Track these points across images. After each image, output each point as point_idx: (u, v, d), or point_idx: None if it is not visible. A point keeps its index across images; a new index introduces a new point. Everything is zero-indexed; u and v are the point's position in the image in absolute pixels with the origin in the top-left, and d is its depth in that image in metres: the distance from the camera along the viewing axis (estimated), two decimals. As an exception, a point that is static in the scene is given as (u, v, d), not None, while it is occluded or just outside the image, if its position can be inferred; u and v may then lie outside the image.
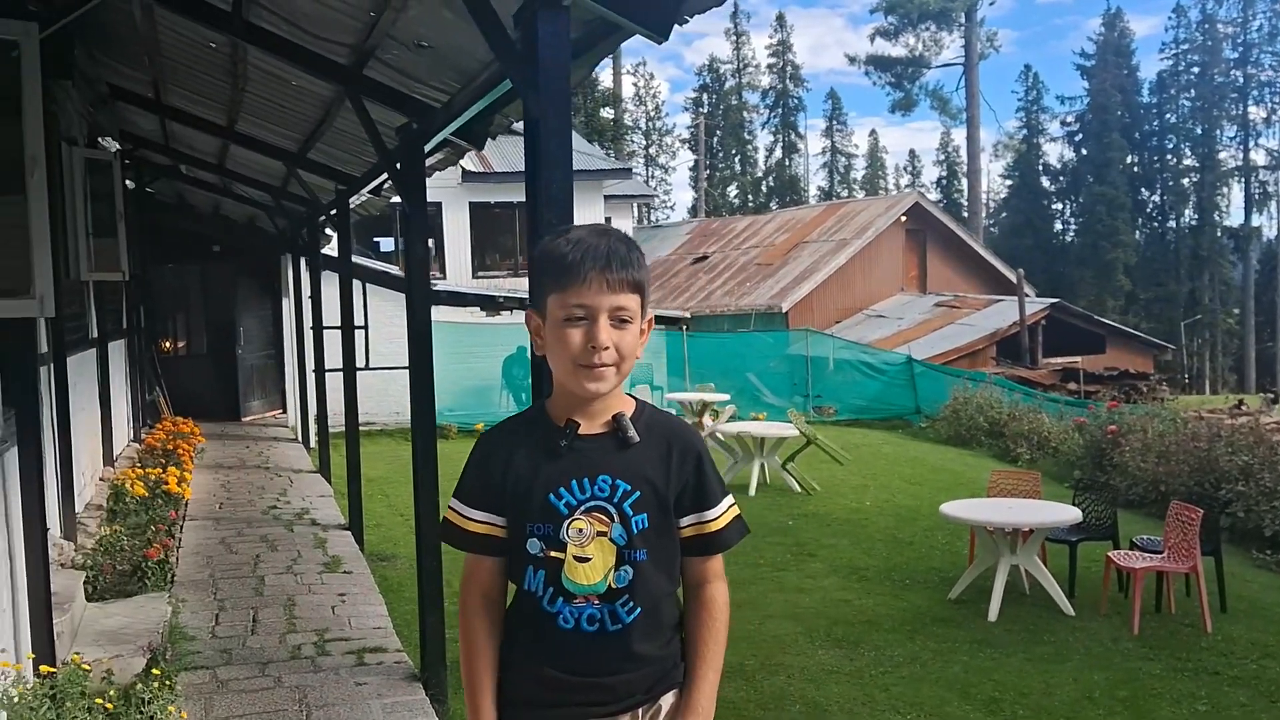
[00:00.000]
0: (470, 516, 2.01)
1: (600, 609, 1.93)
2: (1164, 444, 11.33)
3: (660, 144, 65.04)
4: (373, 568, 7.87)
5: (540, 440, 1.98)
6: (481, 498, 2.01)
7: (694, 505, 2.01)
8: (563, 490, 1.93)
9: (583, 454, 1.95)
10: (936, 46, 54.00)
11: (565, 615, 1.93)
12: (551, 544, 1.93)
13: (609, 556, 1.93)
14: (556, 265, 1.92)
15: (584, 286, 1.88)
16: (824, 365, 20.11)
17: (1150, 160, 60.40)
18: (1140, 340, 29.42)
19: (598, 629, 1.93)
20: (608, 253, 1.90)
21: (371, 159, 7.82)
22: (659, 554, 1.97)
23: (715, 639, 2.04)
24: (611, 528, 1.93)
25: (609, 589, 1.93)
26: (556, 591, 1.93)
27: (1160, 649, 6.65)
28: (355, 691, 5.34)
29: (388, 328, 16.27)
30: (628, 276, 1.90)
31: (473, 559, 2.04)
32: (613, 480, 1.93)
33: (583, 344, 1.89)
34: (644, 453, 1.96)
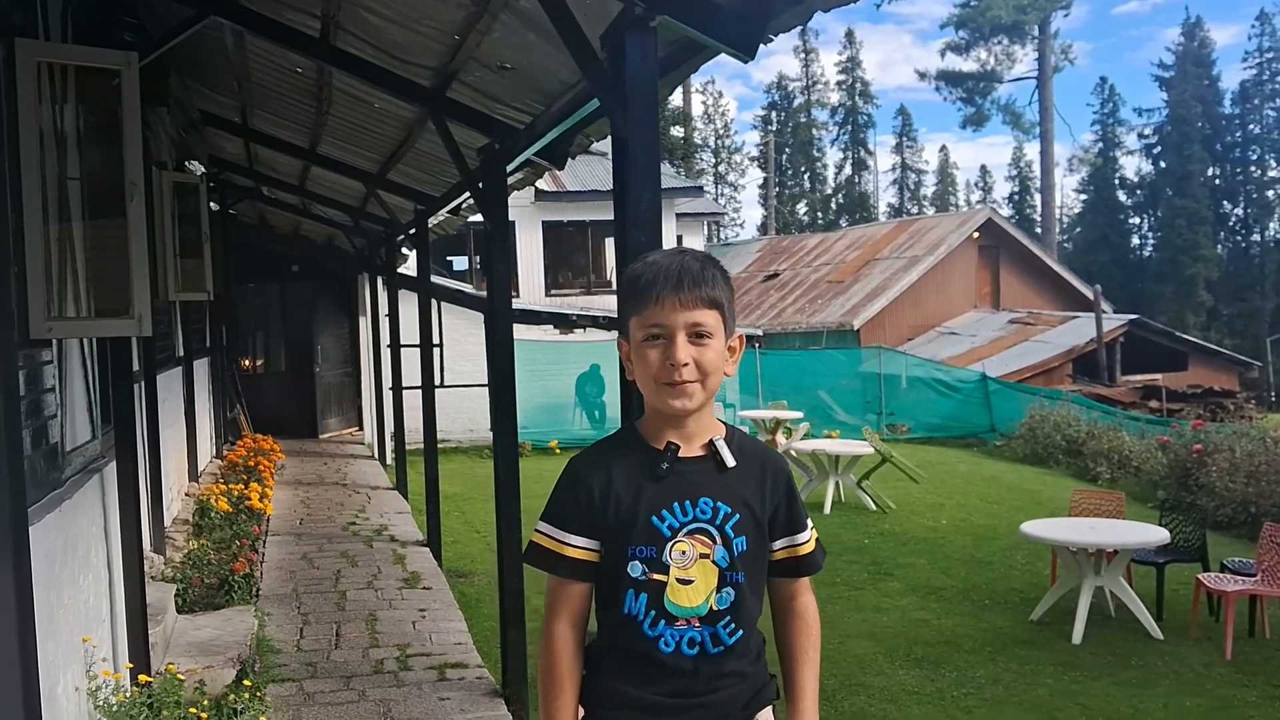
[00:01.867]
0: (567, 541, 1.98)
1: (701, 631, 1.93)
2: (1253, 464, 11.03)
3: (729, 162, 65.04)
4: (451, 584, 7.95)
5: (639, 463, 1.97)
6: (578, 522, 1.98)
7: (786, 529, 2.04)
8: (665, 513, 1.93)
9: (683, 476, 1.95)
10: (1009, 60, 53.33)
11: (666, 638, 1.93)
12: (654, 566, 1.92)
13: (711, 578, 1.93)
14: (633, 289, 1.95)
15: (658, 306, 1.91)
16: (896, 383, 19.91)
17: (1232, 172, 58.95)
18: (1224, 357, 28.66)
19: (698, 652, 1.93)
20: (680, 271, 1.92)
21: (450, 179, 7.95)
22: (754, 576, 1.99)
23: (813, 645, 2.07)
24: (714, 550, 1.93)
25: (710, 611, 1.93)
26: (659, 615, 1.93)
27: (1255, 675, 6.47)
28: (439, 706, 5.39)
29: (463, 345, 16.53)
30: (701, 294, 1.91)
31: (562, 583, 2.00)
32: (714, 503, 1.94)
33: (661, 362, 1.90)
34: (740, 476, 1.98)
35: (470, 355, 16.73)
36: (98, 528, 4.62)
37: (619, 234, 3.53)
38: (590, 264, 22.17)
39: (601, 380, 18.14)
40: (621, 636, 1.96)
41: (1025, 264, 30.08)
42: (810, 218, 63.66)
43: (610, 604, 1.98)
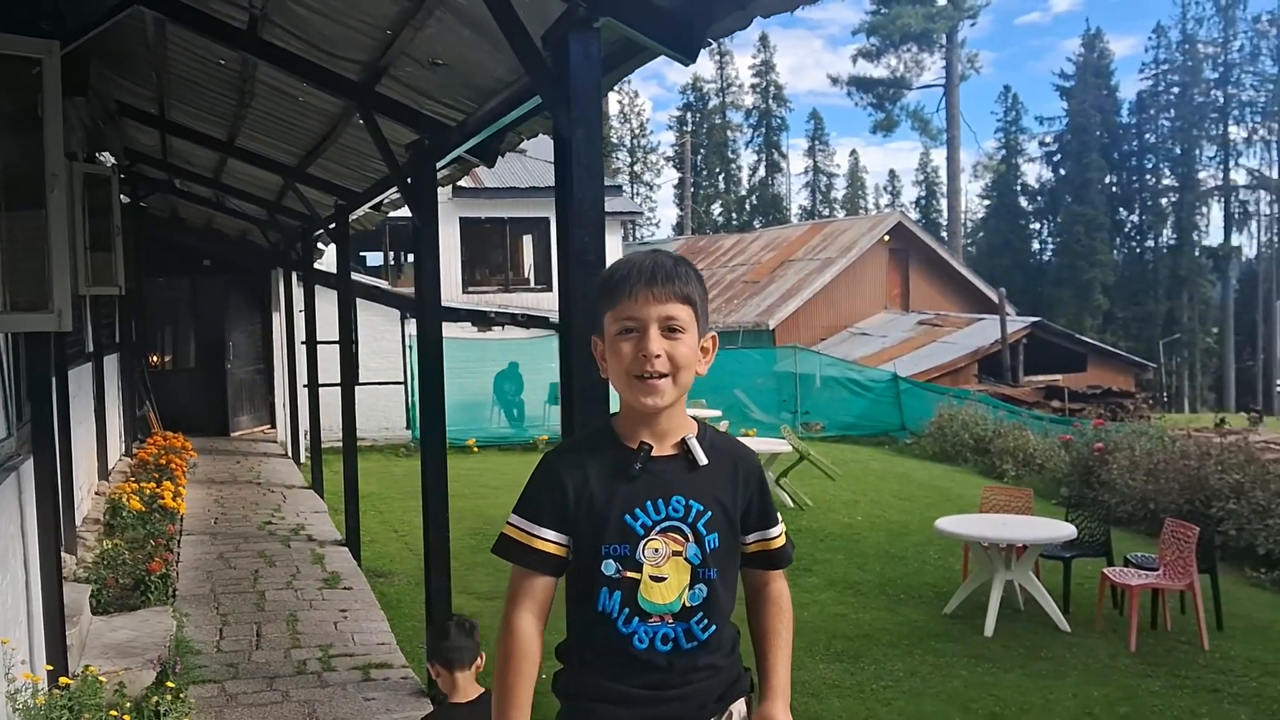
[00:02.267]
0: (539, 535, 1.99)
1: (674, 627, 1.96)
2: (1152, 462, 11.46)
3: (645, 161, 65.27)
4: (371, 584, 7.88)
5: (613, 462, 1.99)
6: (551, 516, 1.99)
7: (759, 524, 2.08)
8: (639, 511, 1.96)
9: (656, 475, 1.98)
10: (918, 67, 54.46)
11: (640, 635, 1.95)
12: (628, 564, 1.95)
13: (684, 575, 1.96)
14: (608, 285, 1.99)
15: (631, 300, 1.94)
16: (811, 382, 20.21)
17: (1129, 180, 61.01)
18: (1121, 359, 29.67)
19: (671, 648, 1.97)
20: (653, 266, 1.96)
21: (373, 174, 7.87)
22: (727, 572, 2.03)
23: (785, 627, 2.12)
24: (686, 547, 1.96)
25: (683, 607, 1.96)
26: (633, 612, 1.95)
27: (1158, 666, 6.72)
28: (364, 707, 5.35)
29: (378, 343, 16.35)
30: (674, 288, 1.95)
31: (527, 575, 2.00)
32: (686, 501, 1.97)
33: (634, 354, 1.93)
34: (712, 473, 2.01)
35: (386, 353, 16.56)
36: (15, 527, 4.49)
37: (561, 233, 3.55)
38: (508, 262, 22.07)
39: (520, 379, 18.08)
40: (596, 634, 1.98)
41: (933, 267, 30.80)
42: (725, 218, 64.22)
43: (584, 601, 1.99)
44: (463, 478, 13.25)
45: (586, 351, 3.47)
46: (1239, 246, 61.58)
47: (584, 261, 3.44)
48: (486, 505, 11.91)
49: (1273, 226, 61.77)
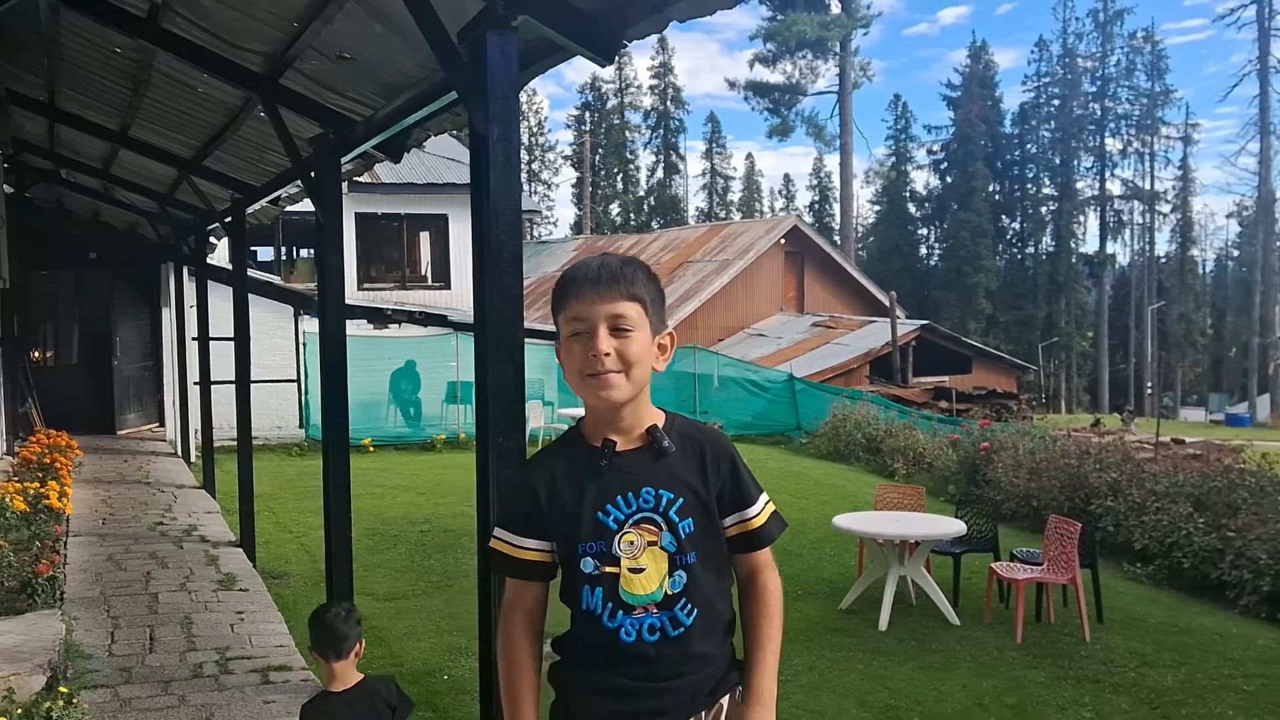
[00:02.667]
0: (521, 545, 2.06)
1: (660, 617, 2.00)
2: (1035, 461, 11.88)
3: (543, 160, 65.13)
4: (267, 585, 7.73)
5: (580, 461, 2.04)
6: (528, 525, 2.06)
7: (734, 505, 2.09)
8: (609, 506, 2.00)
9: (623, 470, 2.02)
10: (812, 74, 55.42)
11: (627, 628, 1.99)
12: (605, 560, 1.99)
13: (662, 564, 2.00)
14: (559, 288, 2.04)
15: (579, 301, 1.99)
16: (709, 382, 20.44)
17: (1011, 189, 63.10)
18: (1004, 361, 30.68)
19: (659, 637, 2.00)
20: (599, 267, 2.01)
21: (272, 168, 7.73)
22: (708, 555, 2.05)
23: (771, 624, 2.12)
24: (661, 536, 2.00)
25: (665, 596, 1.99)
26: (616, 606, 1.99)
27: (1043, 657, 6.98)
28: (264, 709, 5.25)
29: (270, 340, 16.00)
30: (620, 288, 1.99)
31: (520, 585, 2.09)
32: (656, 491, 2.01)
33: (584, 354, 1.98)
34: (681, 460, 2.04)
35: (279, 350, 16.22)
36: (-104, 528, 4.31)
37: (476, 230, 3.55)
38: (405, 259, 21.80)
39: (417, 377, 17.89)
40: (585, 630, 2.03)
41: (827, 270, 31.41)
42: (623, 218, 64.44)
43: (571, 600, 2.05)
44: (359, 478, 12.91)
45: (501, 350, 3.52)
46: (1113, 254, 64.28)
47: (499, 259, 3.45)
48: (383, 505, 11.78)
49: (1144, 235, 64.56)
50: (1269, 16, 52.99)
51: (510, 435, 3.44)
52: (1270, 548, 8.44)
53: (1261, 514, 8.96)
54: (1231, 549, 8.73)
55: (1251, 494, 9.50)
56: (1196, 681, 6.57)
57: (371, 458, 15.66)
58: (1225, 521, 9.07)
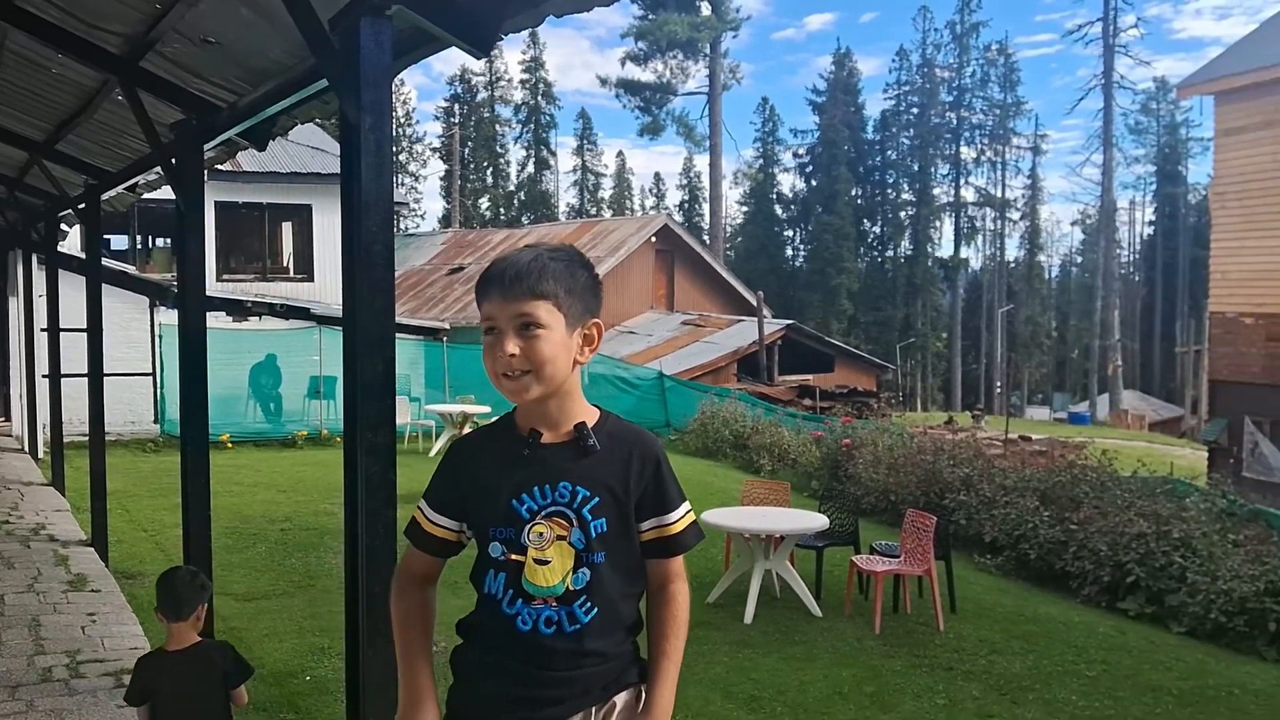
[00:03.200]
0: (433, 520, 2.09)
1: (558, 610, 2.00)
2: (893, 457, 12.28)
3: (411, 152, 64.11)
4: (121, 586, 7.45)
5: (506, 448, 2.04)
6: (445, 503, 2.09)
7: (654, 510, 2.08)
8: (525, 496, 2.00)
9: (545, 462, 2.02)
10: (683, 74, 55.93)
11: (524, 617, 2.00)
12: (513, 547, 2.00)
13: (568, 559, 2.00)
14: (478, 287, 2.03)
15: (489, 301, 1.99)
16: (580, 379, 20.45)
17: (873, 193, 64.97)
18: (865, 360, 31.55)
19: (554, 630, 2.00)
20: (511, 265, 1.99)
21: (130, 153, 7.43)
22: (618, 557, 2.04)
23: (677, 635, 2.14)
24: (571, 532, 2.00)
25: (567, 591, 1.99)
26: (516, 593, 2.00)
27: (900, 646, 7.24)
28: (116, 714, 5.07)
29: (125, 331, 15.38)
30: (524, 286, 1.96)
31: (413, 555, 2.13)
32: (573, 487, 2.01)
33: (494, 355, 1.98)
34: (605, 460, 2.04)
35: (133, 342, 15.58)
36: None
37: (346, 222, 3.48)
38: (267, 249, 21.20)
39: (278, 372, 17.42)
40: (485, 613, 2.04)
41: (697, 269, 31.79)
42: (493, 213, 63.95)
43: (477, 582, 2.06)
44: (217, 475, 12.43)
45: (370, 344, 3.46)
46: (967, 259, 66.86)
47: (370, 252, 3.39)
48: (241, 503, 11.45)
49: (995, 241, 67.30)
50: (1114, 34, 55.81)
51: (380, 431, 3.38)
52: (1110, 540, 8.91)
53: (1102, 508, 9.46)
54: (1074, 541, 9.19)
55: (1093, 489, 10.02)
56: (1042, 668, 6.90)
57: (230, 454, 15.20)
58: (1069, 515, 9.54)
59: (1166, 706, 6.32)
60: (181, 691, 3.55)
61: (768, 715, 5.98)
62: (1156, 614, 8.32)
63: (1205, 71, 18.93)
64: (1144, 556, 8.61)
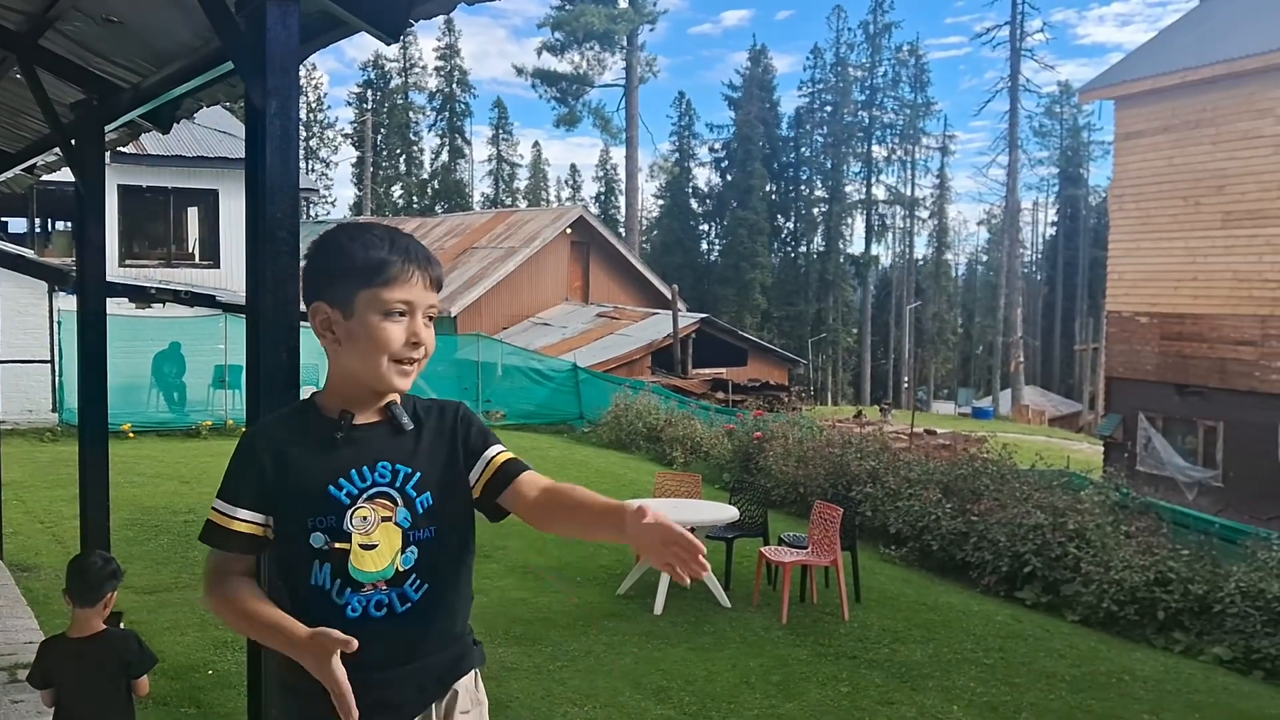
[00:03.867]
0: (236, 516, 1.94)
1: (388, 594, 1.92)
2: (803, 450, 12.45)
3: (322, 137, 63.01)
4: (15, 579, 7.24)
5: (314, 433, 1.95)
6: (249, 496, 1.94)
7: (479, 451, 2.01)
8: (343, 480, 1.91)
9: (361, 443, 1.95)
10: (600, 66, 55.90)
11: (353, 605, 1.90)
12: (336, 535, 1.90)
13: (395, 540, 1.92)
14: (373, 261, 1.92)
15: (409, 283, 1.92)
16: (493, 370, 20.37)
17: (787, 189, 65.70)
18: (777, 354, 31.94)
19: (385, 613, 1.92)
20: (426, 253, 1.96)
21: (29, 134, 7.20)
22: (446, 530, 1.98)
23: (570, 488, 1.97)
24: (396, 511, 1.92)
25: (396, 572, 1.92)
26: (345, 583, 1.90)
27: (806, 636, 7.36)
28: (11, 710, 4.94)
29: (21, 317, 14.90)
30: (438, 276, 1.98)
31: (225, 559, 1.96)
32: (393, 465, 1.94)
33: (405, 340, 1.92)
34: (419, 434, 1.99)
35: (30, 328, 15.11)
36: None
37: (251, 206, 3.42)
38: (171, 234, 20.67)
39: (181, 360, 17.02)
40: (311, 609, 1.90)
41: (612, 261, 31.83)
42: (406, 201, 63.20)
43: (294, 577, 1.93)
44: (118, 465, 12.18)
45: (274, 334, 3.41)
46: (877, 255, 68.10)
47: (275, 238, 3.35)
48: (143, 494, 11.20)
49: (905, 239, 68.60)
50: (1020, 37, 57.17)
51: (284, 422, 3.35)
52: (1009, 531, 9.17)
53: (1002, 500, 9.72)
54: (975, 532, 9.44)
55: (993, 481, 10.29)
56: (942, 656, 7.08)
57: (132, 444, 14.81)
58: (970, 507, 9.79)
59: (1060, 692, 6.54)
60: (81, 678, 3.49)
61: (676, 705, 6.03)
62: (1052, 603, 8.59)
63: (1106, 77, 19.53)
64: (1040, 547, 8.87)
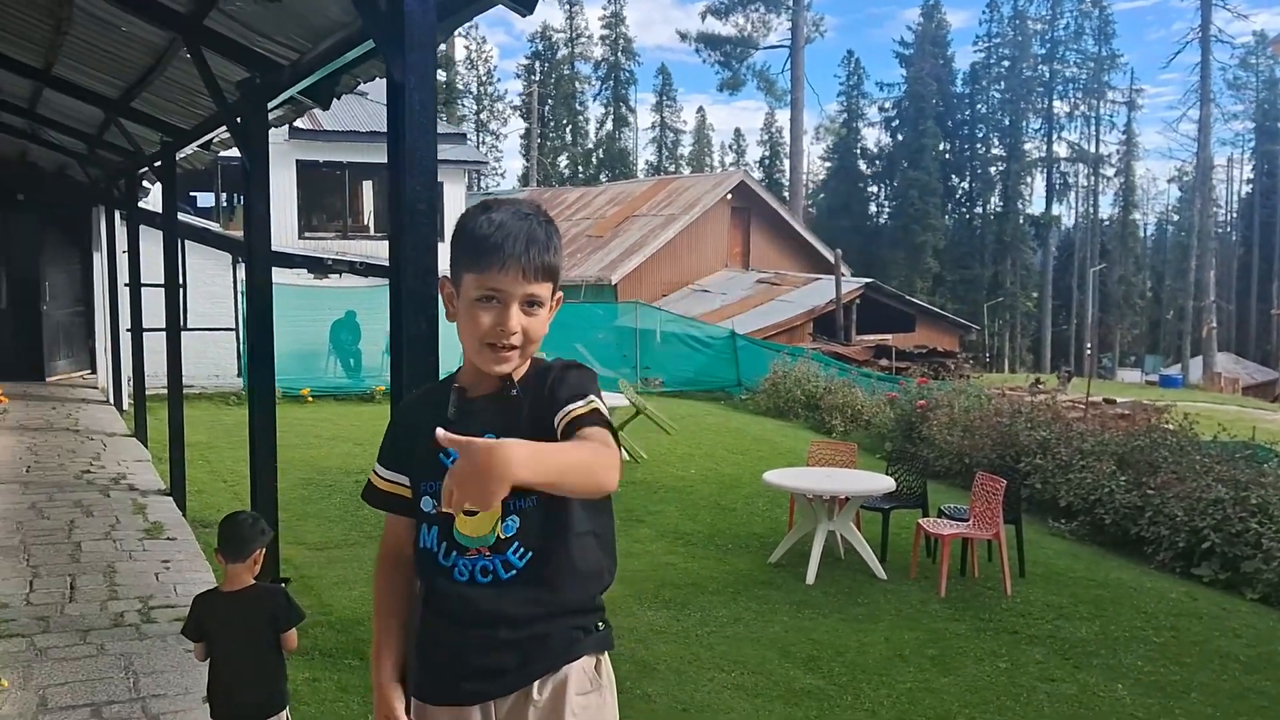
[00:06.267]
0: (381, 475, 2.13)
1: (492, 560, 1.99)
2: (969, 419, 12.06)
3: (492, 110, 64.39)
4: (197, 534, 7.65)
5: (440, 403, 2.06)
6: (390, 458, 2.12)
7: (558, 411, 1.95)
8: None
9: (473, 415, 2.00)
10: (765, 28, 55.21)
11: (460, 568, 1.99)
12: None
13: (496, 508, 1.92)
14: (476, 245, 1.94)
15: (501, 272, 1.92)
16: (651, 338, 20.47)
17: (961, 148, 63.51)
18: (947, 320, 31.05)
19: (491, 579, 1.99)
20: (527, 240, 1.94)
21: (203, 111, 7.57)
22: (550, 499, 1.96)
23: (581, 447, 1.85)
24: None
25: (498, 539, 1.98)
26: (450, 545, 2.00)
27: (965, 610, 7.14)
28: (184, 659, 5.21)
29: (208, 287, 15.76)
30: (543, 264, 1.95)
31: (389, 518, 2.16)
32: (497, 435, 1.91)
33: (492, 326, 1.94)
34: (525, 401, 2.00)
35: (216, 298, 15.96)
36: None
37: (393, 181, 3.51)
38: (347, 208, 21.51)
39: (357, 328, 17.72)
40: (423, 570, 2.06)
41: (774, 226, 31.47)
42: (571, 171, 63.99)
43: (415, 538, 2.09)
44: (295, 428, 12.97)
45: (415, 303, 3.49)
46: (1059, 216, 65.21)
47: (415, 211, 3.42)
48: (319, 456, 11.71)
49: (1089, 198, 65.40)
50: (1214, -15, 53.54)
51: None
52: (1186, 505, 8.67)
53: (1180, 473, 9.19)
54: (1150, 506, 8.96)
55: (1172, 453, 9.74)
56: (1109, 633, 6.76)
57: (310, 408, 15.54)
58: (1146, 480, 9.29)
59: (1233, 673, 6.16)
60: (230, 631, 3.66)
61: (826, 675, 5.94)
62: (1231, 581, 8.09)
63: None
64: (1220, 523, 8.35)
